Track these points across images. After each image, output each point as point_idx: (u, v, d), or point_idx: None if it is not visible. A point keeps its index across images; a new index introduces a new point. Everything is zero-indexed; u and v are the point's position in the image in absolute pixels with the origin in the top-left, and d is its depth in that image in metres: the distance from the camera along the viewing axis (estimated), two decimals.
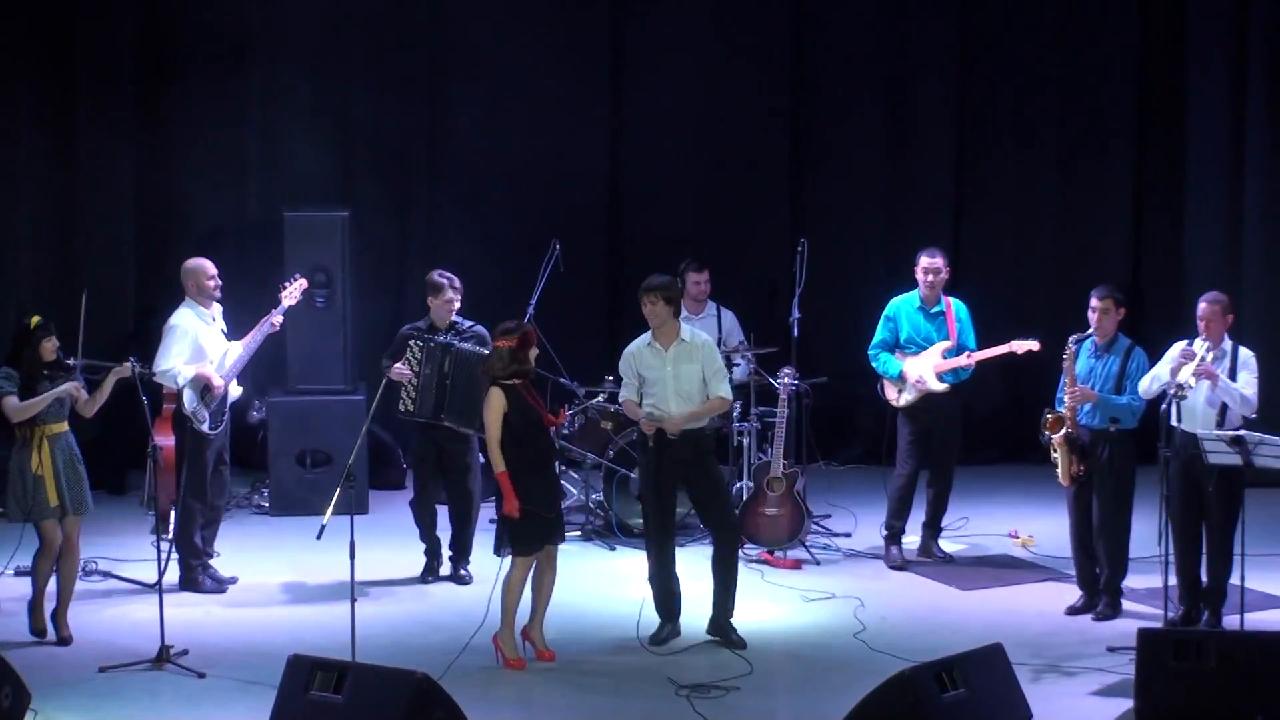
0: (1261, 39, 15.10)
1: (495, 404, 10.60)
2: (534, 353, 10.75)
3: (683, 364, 11.06)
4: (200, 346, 12.04)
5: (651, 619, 11.23)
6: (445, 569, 12.56)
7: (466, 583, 12.31)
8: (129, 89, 15.21)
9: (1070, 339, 11.44)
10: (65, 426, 11.20)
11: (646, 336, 11.18)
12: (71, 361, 11.09)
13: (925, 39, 15.80)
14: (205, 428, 11.98)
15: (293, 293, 12.48)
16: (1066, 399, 11.40)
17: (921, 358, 12.67)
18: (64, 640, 11.17)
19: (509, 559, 10.71)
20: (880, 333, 12.84)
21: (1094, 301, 11.45)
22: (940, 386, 12.62)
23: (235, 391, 12.27)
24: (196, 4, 15.31)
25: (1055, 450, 11.47)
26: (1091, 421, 11.38)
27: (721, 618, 11.15)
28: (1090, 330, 11.45)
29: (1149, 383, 11.14)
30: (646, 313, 11.08)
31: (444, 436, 12.36)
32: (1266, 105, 15.14)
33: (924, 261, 12.75)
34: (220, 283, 12.20)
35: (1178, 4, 15.52)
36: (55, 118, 15.06)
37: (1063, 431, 11.37)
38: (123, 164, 15.25)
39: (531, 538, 10.64)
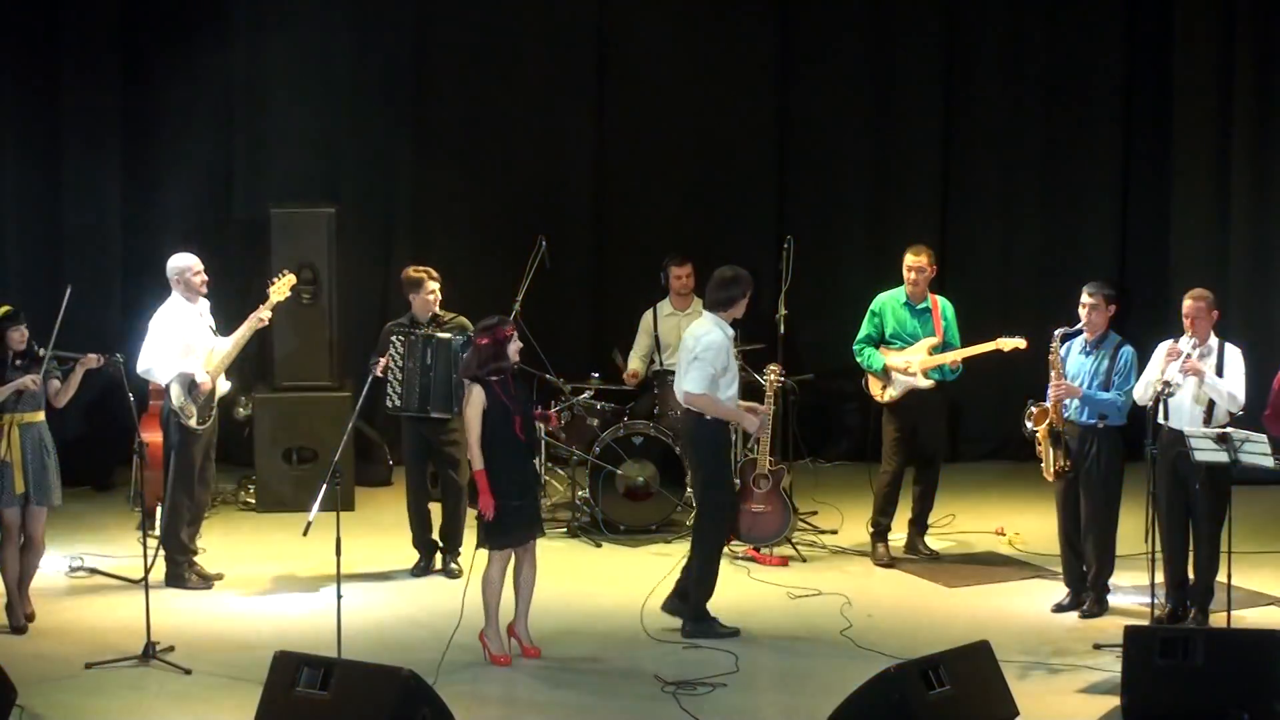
0: (1249, 38, 15.09)
1: (475, 401, 10.54)
2: (514, 348, 10.66)
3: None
4: (187, 343, 11.99)
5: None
6: (438, 564, 12.59)
7: (456, 576, 12.30)
8: (114, 86, 15.16)
9: (1056, 332, 11.42)
10: (39, 417, 11.17)
11: (722, 326, 11.17)
12: (41, 352, 11.06)
13: (911, 38, 15.81)
14: (193, 423, 11.94)
15: (281, 288, 12.44)
16: (1051, 392, 11.39)
17: (908, 352, 12.67)
18: (28, 617, 11.23)
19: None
20: (865, 328, 12.83)
21: (1085, 297, 11.39)
22: (926, 383, 12.62)
23: (223, 387, 12.24)
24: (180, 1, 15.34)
25: (1039, 444, 11.46)
26: (1080, 417, 11.37)
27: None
28: (1080, 325, 11.42)
29: (1143, 389, 11.10)
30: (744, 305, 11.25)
31: (431, 429, 12.39)
32: (1253, 104, 15.13)
33: (909, 259, 12.75)
34: (207, 278, 12.16)
35: (1164, 2, 15.53)
36: (40, 114, 15.01)
37: (1046, 424, 11.36)
38: (109, 160, 15.20)
39: (504, 531, 10.59)
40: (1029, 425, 11.45)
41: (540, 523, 10.94)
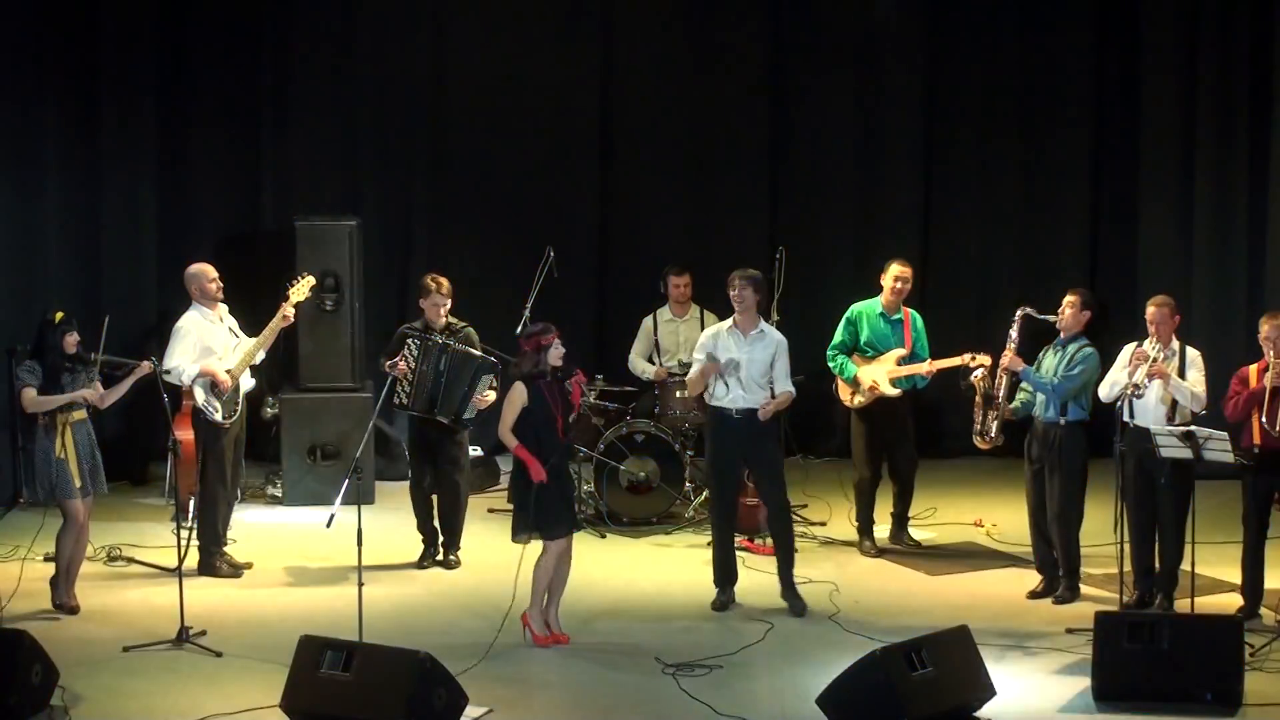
0: (1211, 66, 15.05)
1: (516, 398, 10.56)
2: (553, 353, 10.59)
3: (756, 351, 11.23)
4: (206, 346, 11.97)
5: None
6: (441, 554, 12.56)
7: (454, 568, 12.31)
8: (149, 108, 15.17)
9: (1019, 312, 11.56)
10: (84, 415, 11.20)
11: (727, 322, 11.33)
12: (93, 356, 11.07)
13: (896, 70, 15.78)
14: (219, 418, 11.92)
15: (300, 289, 12.40)
16: (1003, 359, 11.45)
17: (876, 363, 12.59)
18: (72, 610, 11.20)
19: (537, 544, 10.66)
20: (840, 335, 12.76)
21: (1068, 296, 11.44)
22: (893, 391, 12.53)
23: (247, 384, 12.19)
24: (212, 28, 15.34)
25: (975, 405, 11.65)
26: (1044, 414, 11.34)
27: (785, 581, 11.37)
28: (1050, 317, 11.42)
29: (1108, 388, 11.10)
30: (734, 297, 11.27)
31: (434, 430, 12.34)
32: (1214, 127, 15.09)
33: (896, 269, 12.67)
34: (221, 284, 12.13)
35: (1131, 29, 15.50)
36: (81, 135, 14.98)
37: (981, 386, 11.56)
38: (144, 177, 15.20)
39: (558, 520, 10.59)
40: (968, 381, 11.63)
41: (575, 518, 10.95)
